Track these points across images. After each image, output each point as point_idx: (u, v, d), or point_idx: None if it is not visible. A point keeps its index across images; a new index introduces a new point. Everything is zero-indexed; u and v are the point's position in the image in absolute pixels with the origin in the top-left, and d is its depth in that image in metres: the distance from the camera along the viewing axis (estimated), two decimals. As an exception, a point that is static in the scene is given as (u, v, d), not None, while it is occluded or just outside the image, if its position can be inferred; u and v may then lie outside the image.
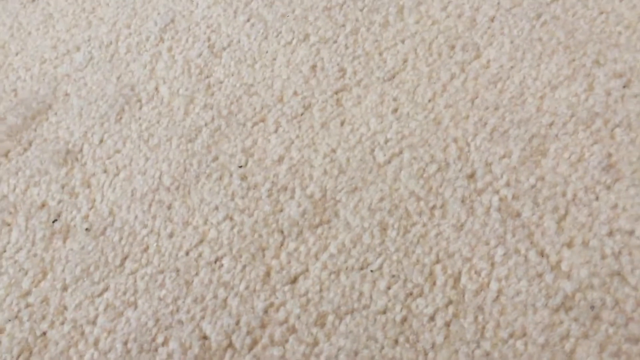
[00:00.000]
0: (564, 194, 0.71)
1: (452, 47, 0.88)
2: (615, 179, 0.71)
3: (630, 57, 0.81)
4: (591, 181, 0.71)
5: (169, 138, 0.87)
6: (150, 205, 0.80)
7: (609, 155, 0.73)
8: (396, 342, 0.64)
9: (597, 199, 0.70)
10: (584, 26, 0.86)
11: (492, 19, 0.90)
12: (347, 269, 0.70)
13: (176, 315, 0.69)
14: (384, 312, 0.66)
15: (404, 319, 0.66)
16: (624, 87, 0.78)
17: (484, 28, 0.89)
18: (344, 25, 0.95)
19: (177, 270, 0.73)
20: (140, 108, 0.91)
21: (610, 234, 0.67)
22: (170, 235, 0.76)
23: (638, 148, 0.72)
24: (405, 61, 0.88)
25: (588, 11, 0.87)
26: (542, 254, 0.67)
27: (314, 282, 0.70)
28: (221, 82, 0.92)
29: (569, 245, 0.67)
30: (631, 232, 0.66)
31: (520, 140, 0.76)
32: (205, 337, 0.68)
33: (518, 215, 0.71)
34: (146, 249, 0.76)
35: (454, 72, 0.85)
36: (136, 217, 0.79)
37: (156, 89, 0.94)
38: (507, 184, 0.73)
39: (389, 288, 0.68)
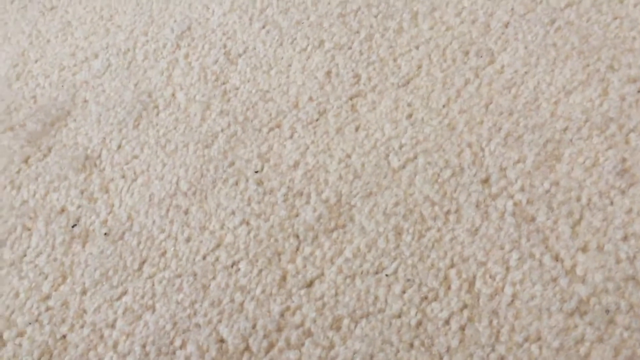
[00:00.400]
0: (578, 199, 0.71)
1: (466, 53, 0.89)
2: (629, 183, 0.71)
3: (644, 62, 0.81)
4: (605, 186, 0.71)
5: (185, 144, 0.88)
6: (167, 210, 0.81)
7: (624, 160, 0.73)
8: (411, 345, 0.65)
9: (611, 203, 0.70)
10: (598, 31, 0.86)
11: (506, 25, 0.90)
12: (362, 273, 0.71)
13: (193, 319, 0.70)
14: (399, 316, 0.67)
15: (419, 323, 0.66)
16: (639, 92, 0.78)
17: (498, 34, 0.90)
18: (358, 32, 0.96)
19: (195, 275, 0.74)
20: (158, 114, 0.93)
21: (625, 238, 0.67)
22: (188, 240, 0.77)
23: (653, 153, 0.73)
24: (419, 67, 0.89)
25: (602, 16, 0.87)
26: (556, 258, 0.68)
27: (330, 286, 0.70)
28: (237, 89, 0.93)
29: (584, 249, 0.68)
30: (646, 237, 0.67)
31: (535, 145, 0.77)
32: (222, 341, 0.69)
33: (532, 219, 0.71)
34: (164, 254, 0.77)
35: (468, 77, 0.86)
36: (154, 221, 0.80)
37: (173, 95, 0.95)
38: (522, 189, 0.73)
39: (404, 292, 0.68)
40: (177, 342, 0.69)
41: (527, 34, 0.89)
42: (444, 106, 0.84)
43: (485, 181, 0.75)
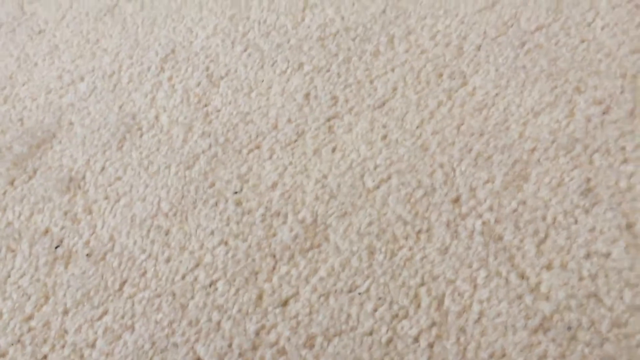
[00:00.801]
0: (544, 218, 0.74)
1: (440, 75, 0.91)
2: (593, 202, 0.73)
3: (609, 85, 0.83)
4: (570, 205, 0.74)
5: (167, 165, 0.90)
6: (149, 230, 0.83)
7: (588, 180, 0.75)
8: (381, 362, 0.67)
9: (575, 222, 0.72)
10: (566, 54, 0.89)
11: (479, 48, 0.93)
12: (336, 291, 0.73)
13: (171, 338, 0.72)
14: (370, 334, 0.69)
15: (390, 341, 0.68)
16: (604, 113, 0.81)
17: (470, 56, 0.92)
18: (336, 55, 0.99)
19: (174, 294, 0.76)
20: (141, 136, 0.95)
21: (588, 256, 0.69)
22: (168, 260, 0.79)
23: (616, 173, 0.75)
24: (394, 89, 0.92)
25: (570, 39, 0.90)
26: (522, 276, 0.70)
27: (304, 304, 0.72)
28: (219, 111, 0.96)
29: (548, 267, 0.70)
30: (607, 255, 0.69)
31: (504, 166, 0.79)
32: None
33: (500, 238, 0.73)
34: (144, 274, 0.79)
35: (441, 99, 0.88)
36: (135, 242, 0.82)
37: (156, 117, 0.97)
38: (490, 209, 0.76)
39: (375, 310, 0.71)
40: (155, 361, 0.71)
41: (498, 56, 0.91)
42: (417, 127, 0.86)
43: (456, 201, 0.78)
